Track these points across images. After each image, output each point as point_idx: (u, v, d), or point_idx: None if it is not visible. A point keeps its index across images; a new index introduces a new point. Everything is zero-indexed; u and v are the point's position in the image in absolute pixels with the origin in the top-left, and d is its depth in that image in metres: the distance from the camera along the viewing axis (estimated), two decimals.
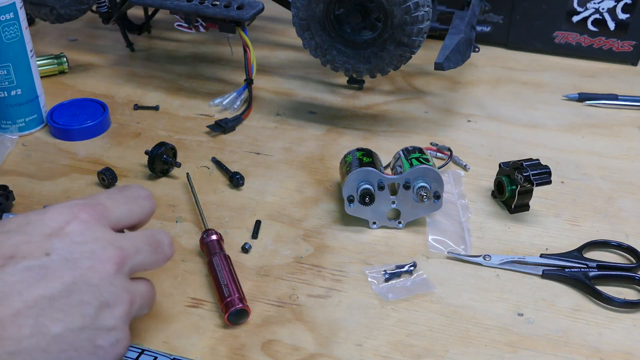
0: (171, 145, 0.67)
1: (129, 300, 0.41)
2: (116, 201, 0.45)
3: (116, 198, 0.45)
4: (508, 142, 0.74)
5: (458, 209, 0.63)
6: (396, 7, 0.65)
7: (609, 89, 0.84)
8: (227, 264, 0.53)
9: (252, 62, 0.76)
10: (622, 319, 0.52)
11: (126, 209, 0.45)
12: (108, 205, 0.44)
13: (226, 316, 0.49)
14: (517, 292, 0.54)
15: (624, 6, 0.86)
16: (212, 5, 0.73)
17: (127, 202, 0.46)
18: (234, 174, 0.65)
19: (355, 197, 0.58)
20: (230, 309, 0.49)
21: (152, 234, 0.45)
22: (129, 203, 0.46)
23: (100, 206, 0.43)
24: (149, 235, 0.45)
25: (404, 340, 0.49)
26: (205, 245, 0.56)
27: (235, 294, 0.50)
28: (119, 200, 0.45)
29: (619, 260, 0.58)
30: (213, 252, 0.55)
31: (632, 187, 0.67)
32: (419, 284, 0.54)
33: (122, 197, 0.45)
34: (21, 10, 0.68)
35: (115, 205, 0.44)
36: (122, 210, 0.45)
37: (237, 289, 0.51)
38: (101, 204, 0.43)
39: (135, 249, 0.43)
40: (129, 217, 0.45)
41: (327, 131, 0.75)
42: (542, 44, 0.92)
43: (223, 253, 0.55)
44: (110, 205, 0.44)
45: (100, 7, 0.84)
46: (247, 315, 0.50)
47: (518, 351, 0.49)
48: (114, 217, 0.44)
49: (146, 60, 0.90)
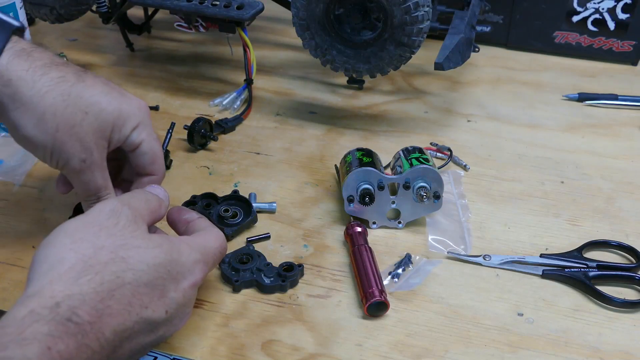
0: (208, 120, 0.71)
1: None
2: None
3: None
4: (508, 142, 0.74)
5: (458, 209, 0.63)
6: (396, 7, 0.65)
7: (609, 89, 0.84)
8: (370, 256, 0.54)
9: (252, 62, 0.76)
10: (622, 319, 0.52)
11: None
12: None
13: (366, 307, 0.50)
14: (517, 292, 0.54)
15: (624, 6, 0.86)
16: (212, 5, 0.73)
17: None
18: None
19: (355, 197, 0.58)
20: (370, 301, 0.50)
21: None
22: None
23: None
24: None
25: (404, 340, 0.49)
26: (349, 237, 0.57)
27: (376, 286, 0.51)
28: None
29: (619, 260, 0.58)
30: (357, 243, 0.56)
31: (632, 187, 0.67)
32: (416, 275, 0.55)
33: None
34: (21, 10, 0.68)
35: None
36: None
37: (377, 281, 0.52)
38: None
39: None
40: None
41: (327, 131, 0.75)
42: (542, 44, 0.92)
43: (367, 245, 0.56)
44: None
45: (100, 7, 0.84)
46: (386, 308, 0.51)
47: (518, 351, 0.49)
48: None
49: (146, 60, 0.90)
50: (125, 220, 0.43)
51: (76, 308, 0.37)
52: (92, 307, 0.37)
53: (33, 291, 0.38)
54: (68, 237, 0.41)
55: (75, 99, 0.48)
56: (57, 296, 0.37)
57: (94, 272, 0.39)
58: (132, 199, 0.46)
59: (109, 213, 0.43)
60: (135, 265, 0.40)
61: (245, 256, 0.55)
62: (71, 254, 0.39)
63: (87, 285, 0.38)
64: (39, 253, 0.40)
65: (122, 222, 0.42)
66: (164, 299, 0.42)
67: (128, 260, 0.40)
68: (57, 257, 0.39)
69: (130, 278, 0.40)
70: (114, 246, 0.41)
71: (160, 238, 0.43)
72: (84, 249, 0.40)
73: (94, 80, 0.50)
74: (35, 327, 0.35)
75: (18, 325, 0.35)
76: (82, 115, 0.48)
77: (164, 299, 0.42)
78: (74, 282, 0.38)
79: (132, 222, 0.43)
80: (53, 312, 0.36)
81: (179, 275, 0.43)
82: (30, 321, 0.35)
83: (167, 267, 0.42)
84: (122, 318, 0.39)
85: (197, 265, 0.45)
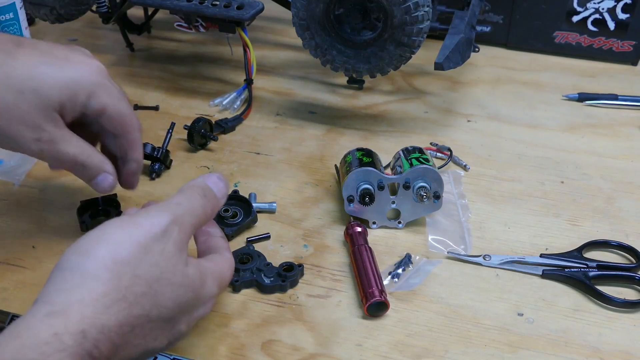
0: (208, 120, 0.71)
1: None
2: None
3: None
4: (508, 142, 0.74)
5: (458, 209, 0.63)
6: (396, 7, 0.65)
7: (609, 89, 0.84)
8: (370, 256, 0.54)
9: (252, 62, 0.76)
10: (622, 319, 0.52)
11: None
12: None
13: (366, 307, 0.50)
14: (517, 292, 0.54)
15: (624, 6, 0.86)
16: (212, 5, 0.73)
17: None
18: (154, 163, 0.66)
19: (355, 197, 0.58)
20: (370, 300, 0.50)
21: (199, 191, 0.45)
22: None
23: None
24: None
25: (404, 340, 0.49)
26: (349, 237, 0.57)
27: (376, 286, 0.51)
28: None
29: (619, 260, 0.58)
30: (357, 243, 0.56)
31: (632, 187, 0.67)
32: (416, 275, 0.55)
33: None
34: (21, 10, 0.68)
35: None
36: None
37: (377, 281, 0.52)
38: None
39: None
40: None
41: (327, 131, 0.75)
42: (542, 44, 0.92)
43: (367, 245, 0.56)
44: None
45: (100, 7, 0.84)
46: (386, 308, 0.51)
47: (518, 351, 0.49)
48: None
49: (146, 60, 0.90)
50: (172, 248, 0.40)
51: (99, 341, 0.35)
52: (113, 341, 0.36)
53: (59, 306, 0.36)
54: (110, 253, 0.38)
55: (6, 79, 0.45)
56: (85, 322, 0.35)
57: (126, 303, 0.37)
58: (186, 214, 0.43)
59: (160, 235, 0.40)
60: (163, 303, 0.39)
61: (245, 256, 0.55)
62: (108, 275, 0.37)
63: (115, 317, 0.37)
64: (73, 259, 0.38)
65: (168, 250, 0.40)
66: (173, 331, 0.41)
67: (159, 297, 0.39)
68: (92, 273, 0.37)
69: (154, 315, 0.39)
70: (152, 279, 0.39)
71: (194, 272, 0.42)
72: (122, 275, 0.38)
73: (30, 52, 0.46)
74: (58, 357, 0.33)
75: (41, 350, 0.33)
76: (16, 95, 0.45)
77: (173, 331, 0.41)
78: (104, 310, 0.36)
79: (177, 251, 0.41)
80: (77, 343, 0.34)
81: (193, 308, 0.42)
82: (53, 349, 0.33)
83: (190, 303, 0.41)
84: (133, 350, 0.38)
85: (212, 300, 0.44)
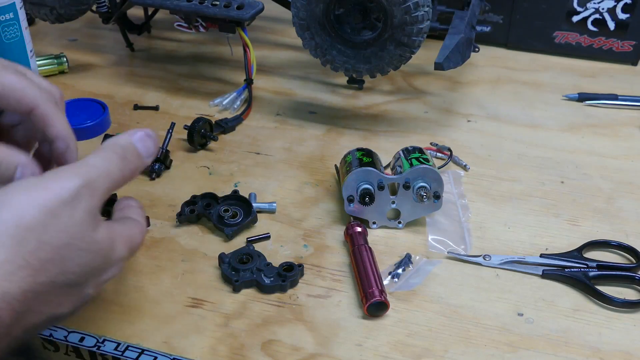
0: (208, 120, 0.71)
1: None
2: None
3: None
4: (508, 142, 0.74)
5: (458, 209, 0.63)
6: (396, 7, 0.65)
7: (609, 89, 0.84)
8: (370, 256, 0.54)
9: (252, 62, 0.76)
10: (622, 319, 0.52)
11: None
12: None
13: (366, 307, 0.50)
14: (517, 292, 0.54)
15: (624, 6, 0.86)
16: (212, 5, 0.73)
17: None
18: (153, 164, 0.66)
19: (355, 197, 0.58)
20: (370, 300, 0.50)
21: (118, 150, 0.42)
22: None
23: None
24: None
25: (404, 340, 0.49)
26: (349, 237, 0.57)
27: (376, 286, 0.51)
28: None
29: (619, 260, 0.58)
30: (357, 243, 0.56)
31: (632, 187, 0.67)
32: (416, 275, 0.55)
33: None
34: (21, 10, 0.68)
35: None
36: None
37: (377, 281, 0.52)
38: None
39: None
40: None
41: (327, 131, 0.75)
42: (542, 44, 0.92)
43: (367, 245, 0.56)
44: None
45: (100, 7, 0.84)
46: (386, 308, 0.51)
47: (518, 351, 0.49)
48: None
49: (146, 60, 0.90)
50: (82, 214, 0.38)
51: (0, 309, 0.34)
52: (14, 309, 0.35)
53: None
54: (13, 218, 0.36)
55: None
56: None
57: (30, 270, 0.36)
58: (100, 177, 0.40)
59: (68, 200, 0.38)
60: (71, 269, 0.38)
61: (245, 256, 0.55)
62: (10, 242, 0.35)
63: (17, 284, 0.35)
64: None
65: (78, 215, 0.38)
66: (80, 295, 0.39)
67: (66, 263, 0.37)
68: None
69: (61, 281, 0.37)
70: (59, 245, 0.37)
71: (103, 237, 0.40)
72: (26, 241, 0.36)
73: None
74: None
75: None
76: None
77: (80, 295, 0.39)
78: (6, 277, 0.35)
79: (87, 216, 0.38)
80: None
81: (102, 272, 0.40)
82: None
83: (98, 267, 0.40)
84: (37, 317, 0.37)
85: (121, 262, 0.42)
